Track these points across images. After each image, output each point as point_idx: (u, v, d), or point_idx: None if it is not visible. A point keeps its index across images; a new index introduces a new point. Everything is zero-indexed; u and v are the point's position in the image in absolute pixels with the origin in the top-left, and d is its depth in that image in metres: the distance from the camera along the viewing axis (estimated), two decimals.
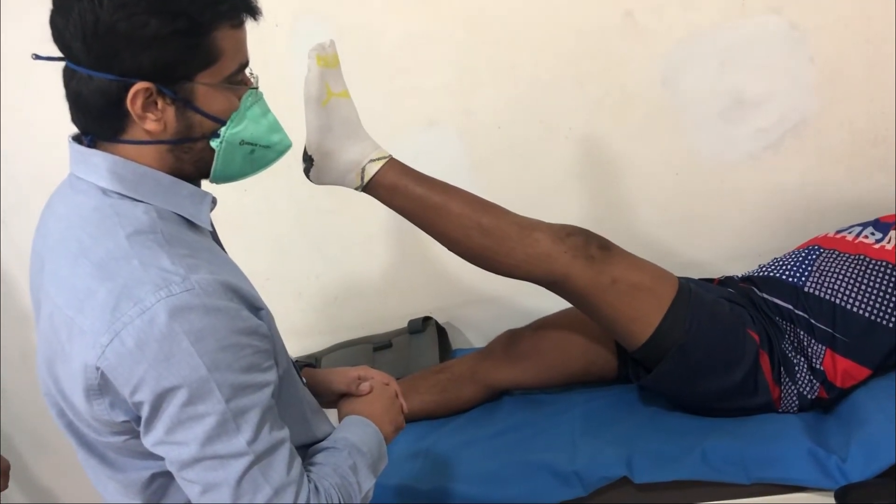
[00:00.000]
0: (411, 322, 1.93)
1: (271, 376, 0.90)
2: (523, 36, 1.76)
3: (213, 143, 0.95)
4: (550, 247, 1.39)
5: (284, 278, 2.00)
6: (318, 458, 1.00)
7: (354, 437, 1.04)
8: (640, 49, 1.74)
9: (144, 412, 0.85)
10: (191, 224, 0.96)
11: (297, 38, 1.76)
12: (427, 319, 1.94)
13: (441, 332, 1.95)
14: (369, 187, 1.40)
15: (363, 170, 1.38)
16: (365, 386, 1.14)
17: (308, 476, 0.92)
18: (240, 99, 0.95)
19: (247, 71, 0.97)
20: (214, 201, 1.00)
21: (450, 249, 1.45)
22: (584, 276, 1.39)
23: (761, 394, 1.43)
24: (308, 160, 1.38)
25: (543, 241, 1.39)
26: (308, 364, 1.66)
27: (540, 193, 1.84)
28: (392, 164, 1.40)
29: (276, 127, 1.00)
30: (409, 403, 1.21)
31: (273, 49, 1.73)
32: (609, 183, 1.85)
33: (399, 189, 1.39)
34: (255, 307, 0.92)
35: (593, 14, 1.72)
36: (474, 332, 2.01)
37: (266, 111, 0.99)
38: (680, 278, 1.48)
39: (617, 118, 1.79)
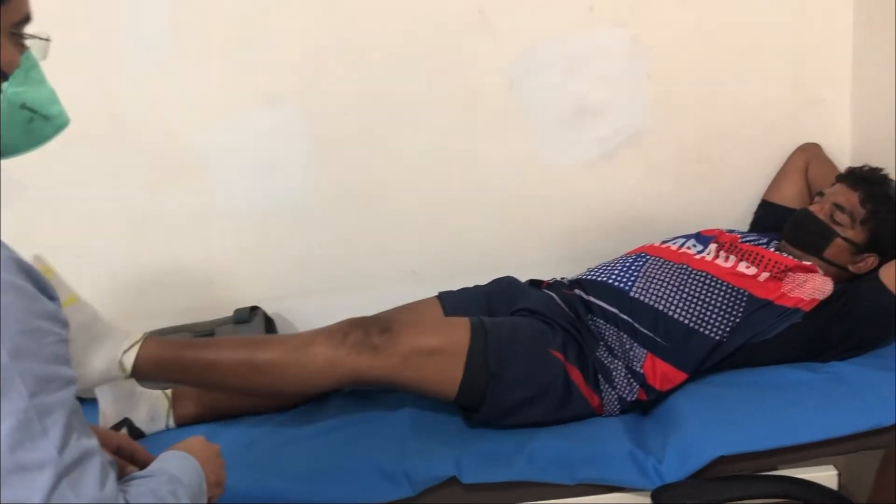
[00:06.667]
0: (237, 311, 1.86)
1: (74, 372, 0.80)
2: (377, 20, 1.71)
3: None
4: (332, 354, 1.40)
5: (97, 256, 1.86)
6: (134, 482, 0.89)
7: (172, 467, 0.94)
8: (490, 49, 1.75)
9: None
10: None
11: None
12: (255, 309, 1.87)
13: (269, 322, 1.89)
14: (136, 374, 1.39)
15: (121, 363, 1.37)
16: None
17: (124, 496, 0.80)
18: (21, 57, 0.86)
19: (38, 35, 0.88)
20: None
21: (245, 398, 1.53)
22: (374, 366, 1.41)
23: (581, 406, 1.47)
24: None
25: (322, 353, 1.40)
26: None
27: (383, 182, 1.82)
28: (148, 343, 1.39)
29: (55, 98, 0.93)
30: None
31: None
32: (452, 179, 1.85)
33: (166, 362, 1.39)
34: (50, 295, 0.81)
35: (449, 8, 1.70)
36: (304, 324, 1.95)
37: (44, 79, 0.91)
38: (472, 318, 1.49)
39: (464, 116, 1.80)
